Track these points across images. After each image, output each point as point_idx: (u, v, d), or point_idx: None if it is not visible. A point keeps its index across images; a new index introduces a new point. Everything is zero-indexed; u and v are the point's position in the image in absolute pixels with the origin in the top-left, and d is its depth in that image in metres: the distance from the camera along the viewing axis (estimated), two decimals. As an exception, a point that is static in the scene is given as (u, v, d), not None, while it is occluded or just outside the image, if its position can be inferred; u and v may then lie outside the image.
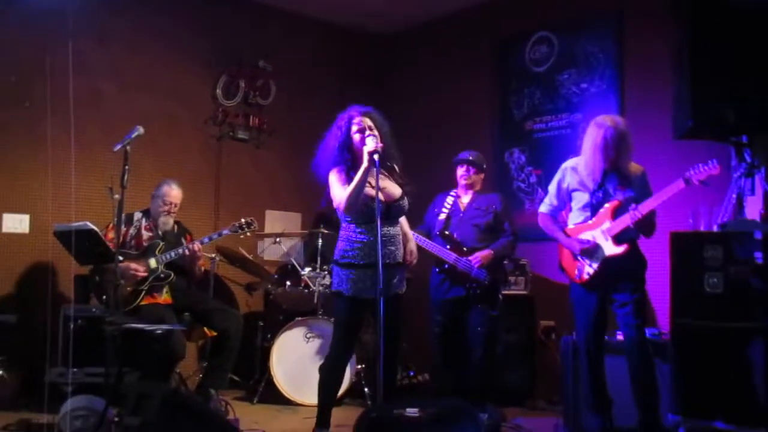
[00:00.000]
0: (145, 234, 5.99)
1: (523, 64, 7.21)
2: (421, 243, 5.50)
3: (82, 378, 5.41)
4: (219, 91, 7.44)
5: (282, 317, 6.59)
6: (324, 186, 4.53)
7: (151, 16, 7.06)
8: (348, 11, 7.88)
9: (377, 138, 4.31)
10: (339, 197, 4.36)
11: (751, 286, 4.30)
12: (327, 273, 6.35)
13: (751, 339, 4.28)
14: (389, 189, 4.47)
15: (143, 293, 5.74)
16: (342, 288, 4.44)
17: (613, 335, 5.10)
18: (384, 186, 4.42)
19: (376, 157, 4.19)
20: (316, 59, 8.05)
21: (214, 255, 6.58)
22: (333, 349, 4.60)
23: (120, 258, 5.25)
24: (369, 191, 4.28)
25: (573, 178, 4.94)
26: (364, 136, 4.35)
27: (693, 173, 4.54)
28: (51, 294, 5.94)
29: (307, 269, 6.47)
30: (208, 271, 6.53)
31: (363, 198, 4.30)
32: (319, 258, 6.48)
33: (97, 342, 5.35)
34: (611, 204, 4.77)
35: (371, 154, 4.20)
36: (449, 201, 5.85)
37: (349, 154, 4.44)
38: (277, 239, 6.90)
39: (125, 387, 4.74)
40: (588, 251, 4.80)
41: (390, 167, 4.53)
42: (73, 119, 5.78)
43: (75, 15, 6.07)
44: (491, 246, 5.65)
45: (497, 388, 6.07)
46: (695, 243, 4.56)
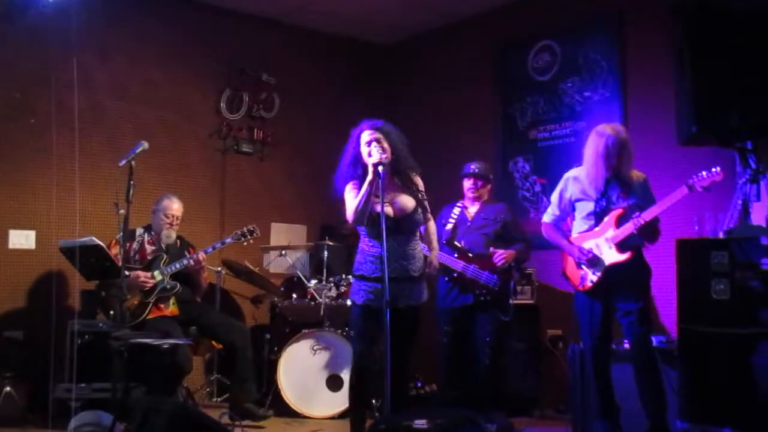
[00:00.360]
0: (149, 248, 6.00)
1: (526, 72, 7.21)
2: (428, 253, 5.49)
3: (89, 393, 5.42)
4: (223, 105, 7.46)
5: (288, 330, 6.58)
6: (343, 201, 4.56)
7: (155, 30, 7.08)
8: (350, 23, 7.89)
9: (383, 150, 4.32)
10: (348, 210, 4.40)
11: (758, 292, 4.29)
12: (333, 285, 6.36)
13: (759, 345, 4.26)
14: (401, 202, 4.48)
15: (150, 306, 5.75)
16: (355, 297, 4.55)
17: (620, 343, 5.09)
18: (395, 199, 4.43)
19: (380, 169, 4.20)
20: (318, 71, 8.07)
21: (219, 268, 6.58)
22: (352, 361, 4.66)
23: (126, 273, 5.26)
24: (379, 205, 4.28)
25: (575, 187, 4.95)
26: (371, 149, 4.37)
27: (696, 180, 4.54)
28: (57, 309, 5.94)
29: (313, 281, 6.47)
30: (213, 284, 6.53)
31: (371, 211, 4.31)
32: (325, 270, 6.48)
33: (104, 357, 5.36)
34: (615, 212, 4.77)
35: (375, 166, 4.22)
36: (456, 211, 5.87)
37: (361, 168, 4.46)
38: (283, 252, 6.91)
39: (132, 402, 4.74)
40: (589, 261, 4.80)
41: (405, 179, 4.54)
42: (78, 134, 5.81)
43: (79, 31, 6.09)
44: (512, 247, 5.66)
45: (505, 397, 6.06)
46: (701, 249, 4.56)
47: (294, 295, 6.59)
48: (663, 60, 5.66)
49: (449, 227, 5.80)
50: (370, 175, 4.23)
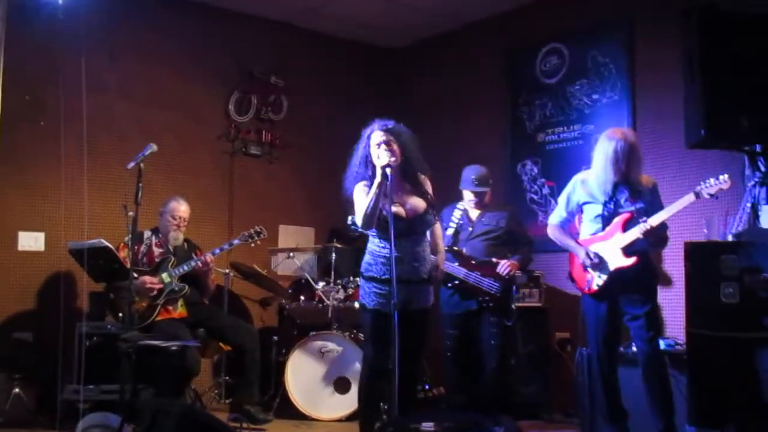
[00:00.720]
0: (156, 250, 6.02)
1: (534, 75, 7.21)
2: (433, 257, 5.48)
3: (97, 395, 5.44)
4: (231, 107, 7.47)
5: (296, 332, 6.59)
6: (352, 202, 4.53)
7: (163, 33, 7.10)
8: (358, 25, 7.90)
9: (392, 153, 4.31)
10: (357, 213, 4.39)
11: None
12: (341, 287, 6.36)
13: (768, 349, 4.25)
14: (412, 203, 4.46)
15: (158, 308, 5.76)
16: (365, 301, 4.49)
17: (628, 346, 5.08)
18: (406, 200, 4.42)
19: (388, 171, 4.19)
20: (327, 74, 8.07)
21: (227, 270, 6.59)
22: (363, 363, 4.63)
23: (134, 275, 5.27)
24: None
25: (583, 190, 4.94)
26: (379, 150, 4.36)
27: (704, 187, 4.53)
28: (66, 311, 5.94)
29: (321, 283, 6.48)
30: (221, 287, 6.54)
31: (382, 213, 4.30)
32: (333, 272, 6.48)
33: (113, 359, 5.38)
34: (622, 216, 4.75)
35: (383, 168, 4.21)
36: (457, 215, 5.83)
37: (371, 168, 4.43)
38: (291, 254, 6.91)
39: (140, 404, 4.74)
40: (594, 264, 4.79)
41: (414, 181, 4.54)
42: (87, 137, 5.82)
43: (87, 33, 6.12)
44: (515, 257, 5.65)
45: (513, 401, 6.05)
46: (711, 253, 4.54)
47: (302, 298, 6.60)
48: (672, 63, 5.66)
49: (450, 232, 5.77)
50: (378, 178, 4.22)
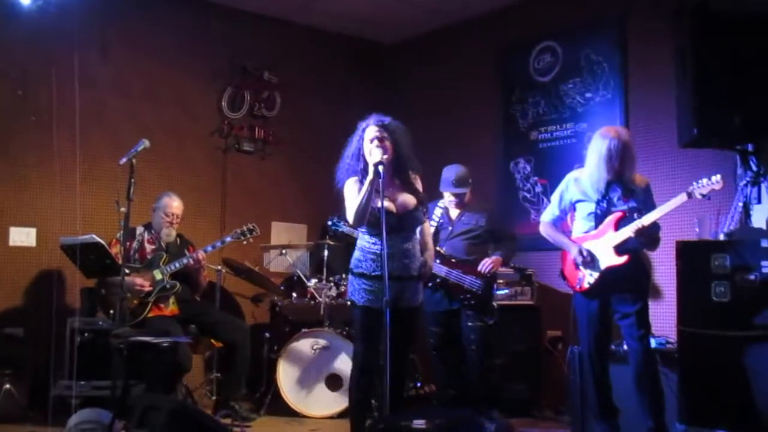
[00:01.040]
0: (148, 247, 6.00)
1: (528, 73, 7.21)
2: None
3: (88, 391, 5.43)
4: (224, 104, 7.46)
5: (288, 329, 6.58)
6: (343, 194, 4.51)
7: (156, 29, 7.08)
8: (351, 22, 7.89)
9: (384, 150, 4.31)
10: (348, 209, 4.37)
11: (758, 294, 4.29)
12: (333, 284, 6.36)
13: (759, 347, 4.26)
14: (402, 199, 4.45)
15: (150, 305, 5.75)
16: (355, 297, 4.47)
17: (620, 344, 5.09)
18: (397, 196, 4.42)
19: (380, 168, 4.19)
20: (320, 70, 8.06)
21: (219, 267, 6.58)
22: (353, 361, 4.60)
23: (126, 271, 5.25)
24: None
25: (576, 188, 4.94)
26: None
27: (696, 187, 4.53)
28: (57, 307, 5.94)
29: (313, 280, 6.47)
30: (213, 283, 6.53)
31: (373, 209, 4.29)
32: (325, 269, 6.48)
33: (104, 355, 5.37)
34: (615, 215, 4.76)
35: (376, 165, 4.21)
36: (437, 213, 5.82)
37: (363, 163, 4.42)
38: (283, 251, 6.90)
39: (132, 399, 4.74)
40: (585, 262, 4.80)
41: (405, 178, 4.53)
42: (79, 132, 5.82)
43: (80, 29, 6.11)
44: (497, 253, 5.65)
45: (504, 398, 6.05)
46: (702, 251, 4.56)
47: (294, 294, 6.59)
48: (664, 62, 5.67)
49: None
50: (370, 175, 4.22)
